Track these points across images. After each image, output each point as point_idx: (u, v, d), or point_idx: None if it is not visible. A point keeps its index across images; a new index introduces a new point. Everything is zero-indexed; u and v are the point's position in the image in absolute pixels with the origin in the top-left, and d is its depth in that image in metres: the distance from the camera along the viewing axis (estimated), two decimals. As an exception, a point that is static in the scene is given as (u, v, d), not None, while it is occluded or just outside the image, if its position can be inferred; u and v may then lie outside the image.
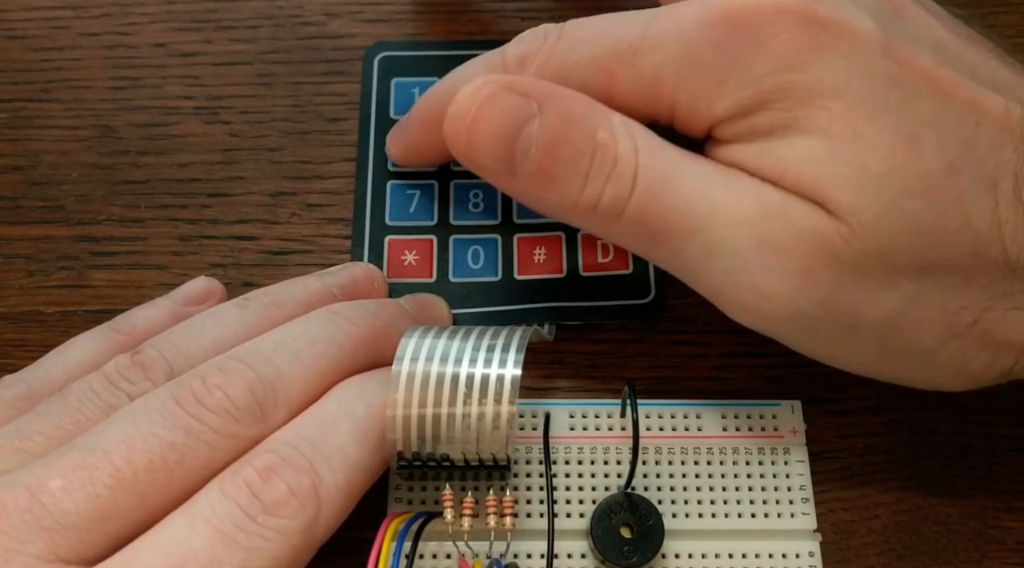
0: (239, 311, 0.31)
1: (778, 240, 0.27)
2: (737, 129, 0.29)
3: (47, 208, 0.37)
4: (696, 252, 0.29)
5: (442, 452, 0.28)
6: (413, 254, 0.36)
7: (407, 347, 0.29)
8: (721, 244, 0.28)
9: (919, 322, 0.28)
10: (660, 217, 0.28)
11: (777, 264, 0.27)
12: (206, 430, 0.26)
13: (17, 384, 0.30)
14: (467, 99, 0.29)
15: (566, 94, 0.29)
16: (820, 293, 0.28)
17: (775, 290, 0.28)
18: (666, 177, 0.28)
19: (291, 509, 0.25)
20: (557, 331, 0.34)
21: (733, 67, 0.28)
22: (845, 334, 0.29)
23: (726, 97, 0.28)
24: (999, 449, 0.33)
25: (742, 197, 0.28)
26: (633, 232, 0.29)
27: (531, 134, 0.28)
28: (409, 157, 0.37)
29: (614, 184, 0.28)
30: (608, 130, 0.29)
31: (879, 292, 0.27)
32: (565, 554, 0.31)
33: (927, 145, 0.27)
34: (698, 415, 0.33)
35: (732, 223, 0.28)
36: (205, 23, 0.41)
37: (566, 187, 0.29)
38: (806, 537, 0.31)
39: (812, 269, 0.27)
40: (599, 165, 0.28)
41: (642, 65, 0.29)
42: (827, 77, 0.27)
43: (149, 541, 0.25)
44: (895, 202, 0.27)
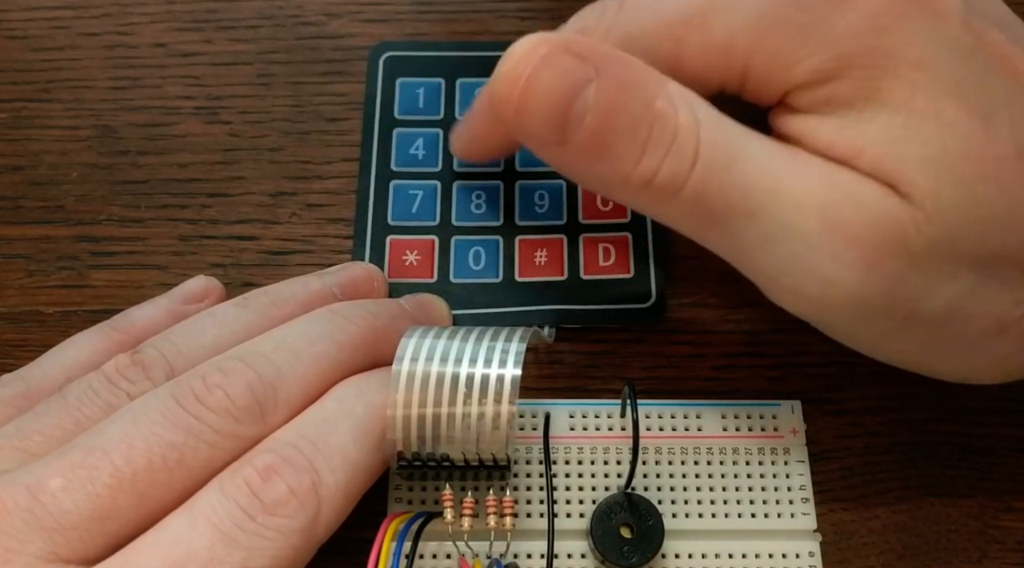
0: (239, 310, 0.31)
1: (848, 225, 0.26)
2: (815, 97, 0.27)
3: (47, 208, 0.37)
4: (755, 235, 0.27)
5: (442, 452, 0.28)
6: (414, 254, 0.36)
7: (407, 347, 0.29)
8: (785, 227, 0.26)
9: (972, 315, 0.27)
10: (720, 196, 0.27)
11: (844, 251, 0.26)
12: (206, 429, 0.26)
13: (16, 383, 0.30)
14: (521, 58, 0.27)
15: (623, 58, 0.27)
16: (884, 283, 0.26)
17: (839, 278, 0.26)
18: (728, 153, 0.27)
19: (291, 508, 0.25)
20: (557, 332, 0.34)
21: (816, 25, 0.27)
22: (898, 326, 0.28)
23: (807, 59, 0.27)
24: (999, 449, 0.33)
25: (810, 178, 0.27)
26: (688, 212, 0.28)
27: (587, 100, 0.26)
28: (474, 150, 0.36)
29: (673, 158, 0.26)
30: (667, 99, 0.27)
31: (940, 283, 0.27)
32: (565, 554, 0.31)
33: (1001, 127, 0.26)
34: (698, 415, 0.32)
35: (798, 205, 0.26)
36: (205, 23, 0.41)
37: (621, 159, 0.27)
38: (806, 537, 0.31)
39: (880, 258, 0.26)
40: (658, 136, 0.26)
41: (714, 26, 0.28)
42: (912, 44, 0.26)
43: (149, 540, 0.25)
44: (971, 188, 0.26)
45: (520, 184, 0.37)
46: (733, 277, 0.34)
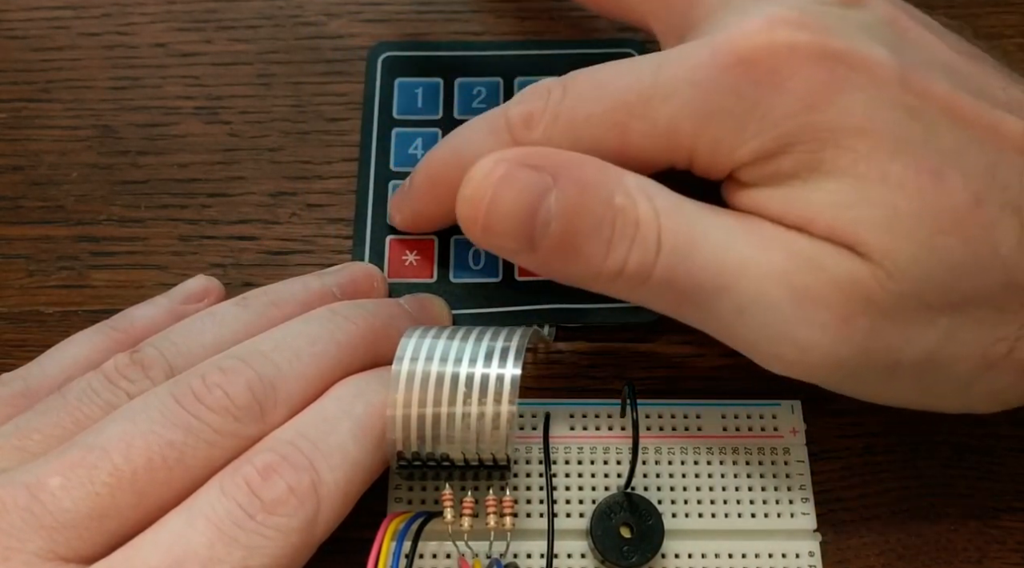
0: (239, 310, 0.31)
1: (813, 290, 0.27)
2: (760, 173, 0.28)
3: (47, 208, 0.37)
4: (728, 309, 0.28)
5: (442, 452, 0.28)
6: (414, 254, 0.36)
7: (407, 347, 0.29)
8: (753, 300, 0.27)
9: (955, 357, 0.28)
10: (688, 278, 0.28)
11: (814, 315, 0.27)
12: (206, 429, 0.26)
13: (15, 382, 0.30)
14: (480, 182, 0.28)
15: (576, 160, 0.28)
16: (858, 340, 0.27)
17: (814, 341, 0.27)
18: (690, 237, 0.28)
19: (290, 507, 0.25)
20: (557, 331, 0.34)
21: (753, 111, 0.27)
22: (883, 376, 0.28)
23: (748, 142, 0.28)
24: (999, 449, 0.33)
25: (770, 249, 0.27)
26: (661, 295, 0.29)
27: (549, 208, 0.27)
28: (417, 224, 0.36)
29: (638, 249, 0.27)
30: (624, 193, 0.28)
31: (916, 332, 0.27)
32: (565, 554, 0.31)
33: (952, 178, 0.26)
34: (698, 415, 0.33)
35: (763, 277, 0.27)
36: (205, 23, 0.41)
37: (589, 257, 0.28)
38: (806, 537, 0.31)
39: (850, 317, 0.27)
40: (620, 231, 0.27)
41: (656, 115, 0.28)
42: (849, 114, 0.27)
43: (148, 539, 0.25)
44: (928, 241, 0.26)
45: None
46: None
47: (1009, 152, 0.27)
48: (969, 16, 0.30)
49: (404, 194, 0.36)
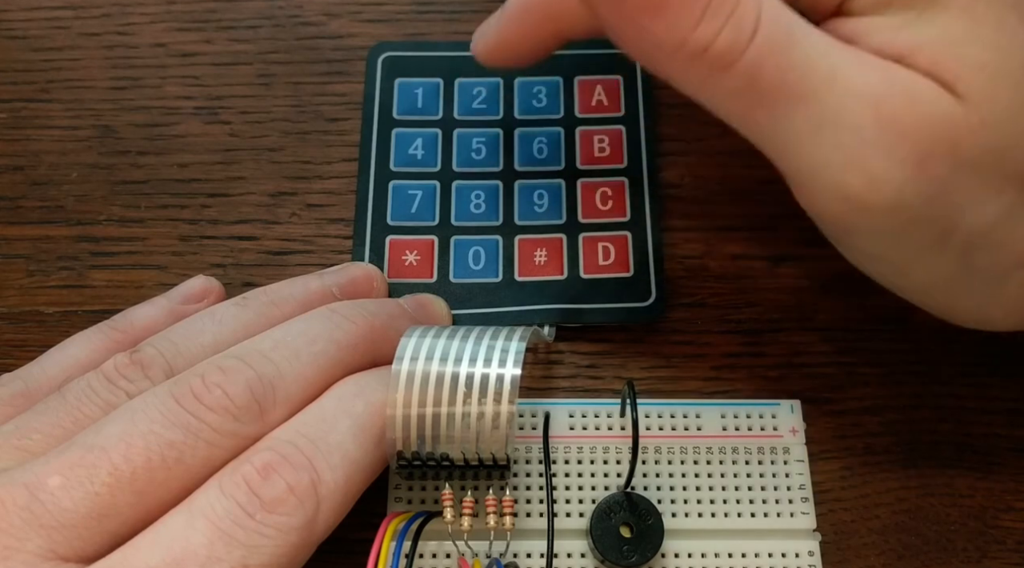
0: (238, 310, 0.31)
1: (901, 119, 0.25)
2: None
3: (47, 208, 0.37)
4: (806, 121, 0.26)
5: (442, 451, 0.28)
6: (414, 254, 0.36)
7: (407, 346, 0.29)
8: (837, 115, 0.25)
9: (1008, 239, 0.27)
10: (775, 75, 0.25)
11: (895, 145, 0.25)
12: (205, 428, 0.26)
13: (15, 382, 0.30)
14: None
15: None
16: (930, 186, 0.25)
17: (886, 174, 0.25)
18: (788, 32, 0.25)
19: (290, 506, 0.25)
20: (557, 331, 0.34)
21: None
22: (932, 242, 0.27)
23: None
24: (999, 449, 0.33)
25: (867, 69, 0.26)
26: (738, 89, 0.26)
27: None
28: (501, 54, 0.34)
29: (732, 28, 0.25)
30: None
31: (984, 198, 0.26)
32: (565, 553, 0.31)
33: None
34: (698, 415, 0.33)
35: (853, 94, 0.25)
36: (205, 23, 0.41)
37: (678, 20, 0.25)
38: (806, 536, 0.31)
39: (930, 158, 0.25)
40: (719, 3, 0.25)
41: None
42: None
43: (148, 538, 0.25)
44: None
45: (519, 184, 0.37)
46: (733, 277, 0.34)
47: None
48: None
49: (491, 21, 0.34)
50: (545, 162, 0.37)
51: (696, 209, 0.35)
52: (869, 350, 0.33)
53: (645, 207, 0.36)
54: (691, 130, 0.38)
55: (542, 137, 0.38)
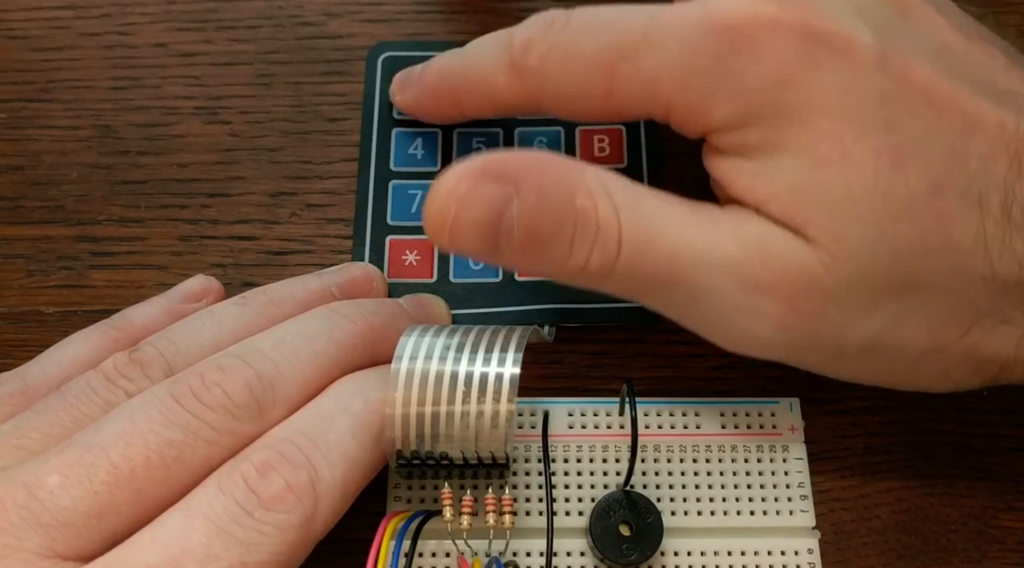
0: (238, 309, 0.31)
1: (760, 279, 0.27)
2: (730, 140, 0.29)
3: (47, 208, 0.37)
4: (684, 298, 0.29)
5: (441, 450, 0.28)
6: (414, 254, 0.36)
7: (406, 345, 0.29)
8: (705, 290, 0.28)
9: (903, 340, 0.28)
10: (646, 272, 0.28)
11: (761, 303, 0.28)
12: (204, 427, 0.26)
13: (13, 381, 0.30)
14: (445, 199, 0.28)
15: (537, 163, 0.28)
16: (804, 325, 0.28)
17: (761, 328, 0.28)
18: (648, 234, 0.28)
19: (288, 504, 0.25)
20: (557, 331, 0.34)
21: (728, 77, 0.28)
22: (831, 356, 0.29)
23: (720, 106, 0.28)
24: (999, 449, 0.33)
25: (722, 241, 0.28)
26: (623, 287, 0.29)
27: (512, 217, 0.28)
28: (415, 113, 0.37)
29: (599, 249, 0.28)
30: (586, 193, 0.28)
31: (861, 316, 0.28)
32: (564, 552, 0.31)
33: (913, 165, 0.27)
34: (697, 413, 0.33)
35: (714, 269, 0.28)
36: (205, 23, 0.41)
37: (552, 257, 0.28)
38: (805, 534, 0.31)
39: (796, 303, 0.27)
40: (582, 232, 0.28)
41: (642, 63, 0.29)
42: (818, 95, 0.27)
43: (146, 536, 0.25)
44: (876, 225, 0.27)
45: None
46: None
47: (981, 141, 0.27)
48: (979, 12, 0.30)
49: (410, 78, 0.37)
50: None
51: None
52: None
53: None
54: None
55: (542, 137, 0.38)
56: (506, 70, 0.31)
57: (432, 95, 0.36)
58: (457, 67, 0.34)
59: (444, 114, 0.36)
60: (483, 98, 0.33)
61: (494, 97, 0.32)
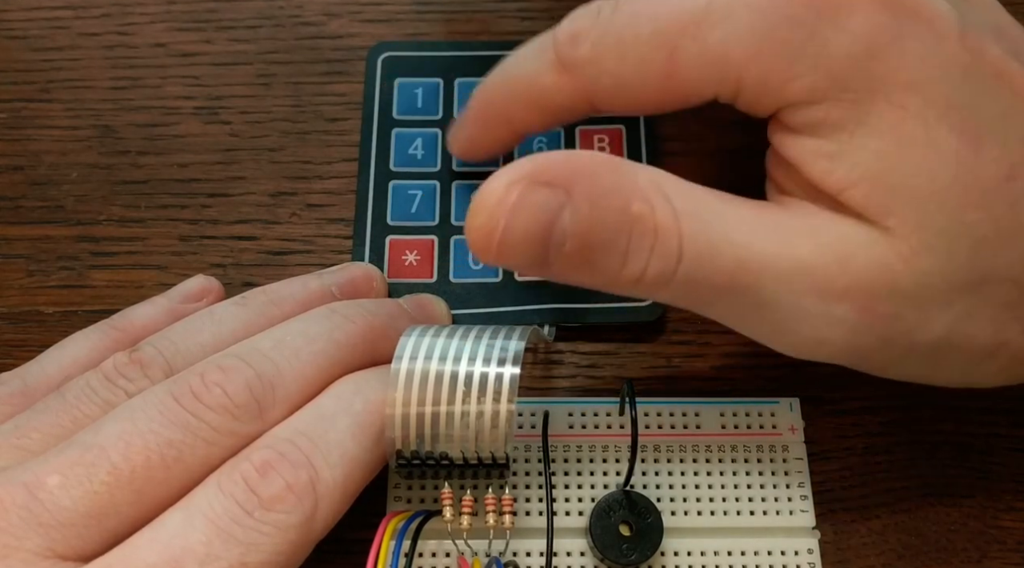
0: (238, 309, 0.31)
1: (836, 284, 0.26)
2: (807, 117, 0.27)
3: (47, 208, 0.37)
4: (748, 305, 0.27)
5: (441, 450, 0.28)
6: (414, 254, 0.36)
7: (406, 345, 0.29)
8: (775, 297, 0.27)
9: (971, 336, 0.27)
10: (708, 281, 0.27)
11: (836, 309, 0.27)
12: (204, 427, 0.26)
13: (13, 381, 0.30)
14: (492, 211, 0.26)
15: (589, 165, 0.26)
16: (878, 328, 0.27)
17: (834, 334, 0.27)
18: (711, 241, 0.26)
19: (288, 504, 0.25)
20: (557, 331, 0.34)
21: (809, 43, 0.26)
22: (897, 358, 0.28)
23: (800, 77, 0.27)
24: (999, 449, 0.33)
25: (794, 242, 0.27)
26: (680, 296, 0.28)
27: (563, 228, 0.26)
28: (471, 152, 0.36)
29: (658, 258, 0.26)
30: (642, 198, 0.26)
31: (934, 313, 0.27)
32: (564, 552, 0.31)
33: (992, 147, 0.26)
34: (697, 413, 0.33)
35: (786, 275, 0.26)
36: (205, 23, 0.41)
37: (605, 268, 0.27)
38: (805, 534, 0.31)
39: (872, 306, 0.26)
40: (638, 241, 0.26)
41: (708, 37, 0.27)
42: (905, 66, 0.26)
43: (146, 536, 0.25)
44: (959, 215, 0.26)
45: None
46: (733, 276, 0.34)
47: None
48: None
49: (459, 123, 0.35)
50: None
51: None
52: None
53: None
54: (691, 130, 0.38)
55: (542, 137, 0.38)
56: (553, 69, 0.30)
57: (480, 122, 0.34)
58: (498, 83, 0.32)
59: (497, 139, 0.34)
60: (533, 107, 0.31)
61: (544, 103, 0.31)
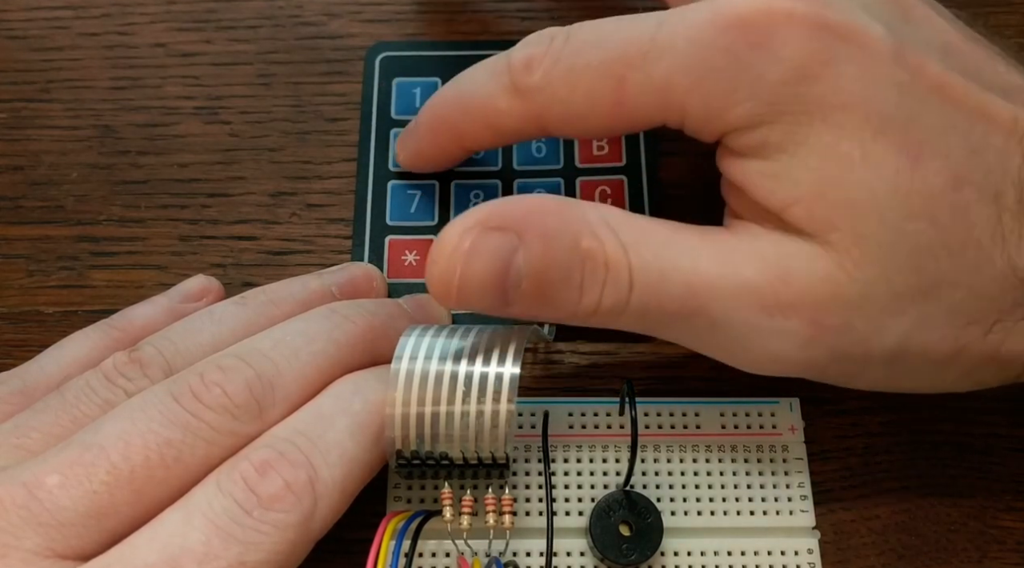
0: (237, 309, 0.31)
1: (781, 299, 0.27)
2: (749, 140, 0.28)
3: (47, 208, 0.37)
4: (701, 327, 0.28)
5: (441, 450, 0.28)
6: (414, 254, 0.36)
7: (406, 345, 0.29)
8: (724, 317, 0.28)
9: (927, 344, 0.28)
10: (660, 309, 0.28)
11: (785, 324, 0.27)
12: (204, 427, 0.26)
13: (13, 380, 0.30)
14: (449, 259, 0.27)
15: (538, 207, 0.28)
16: (829, 340, 0.27)
17: (786, 348, 0.28)
18: (660, 269, 0.28)
19: (287, 503, 0.25)
20: (557, 331, 0.34)
21: (745, 74, 0.27)
22: (856, 368, 0.29)
23: (738, 105, 0.28)
24: (999, 449, 0.33)
25: (738, 266, 0.28)
26: (637, 324, 0.29)
27: (519, 269, 0.27)
28: (418, 163, 0.36)
29: (611, 290, 0.28)
30: (591, 234, 0.28)
31: (885, 322, 0.27)
32: (564, 552, 0.31)
33: (933, 160, 0.27)
34: (696, 413, 0.32)
35: (733, 296, 0.27)
36: (205, 23, 0.41)
37: (563, 303, 0.28)
38: (805, 534, 0.31)
39: (820, 318, 0.27)
40: (591, 275, 0.27)
41: (652, 69, 0.28)
42: (839, 89, 0.27)
43: (145, 536, 0.25)
44: (898, 225, 0.26)
45: (518, 182, 0.37)
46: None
47: (996, 136, 0.27)
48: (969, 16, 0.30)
49: (409, 133, 0.36)
50: (544, 161, 0.37)
51: (695, 208, 0.35)
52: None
53: (644, 206, 0.36)
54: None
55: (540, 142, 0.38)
56: (507, 92, 0.31)
57: (431, 135, 0.35)
58: (451, 99, 0.33)
59: (445, 153, 0.35)
60: (484, 127, 0.32)
61: (496, 124, 0.32)
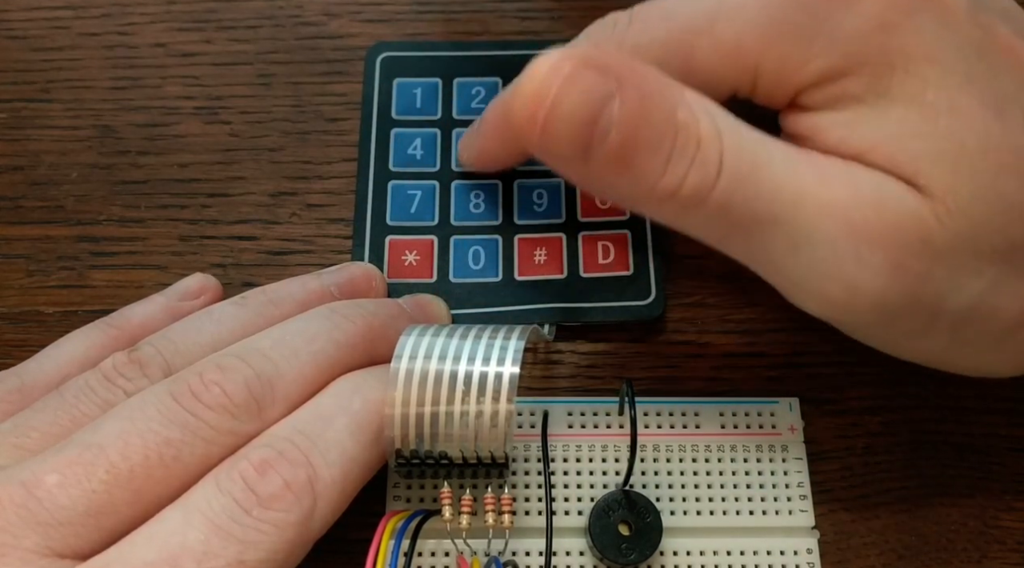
0: (237, 309, 0.31)
1: (871, 227, 0.26)
2: (826, 94, 0.27)
3: (47, 208, 0.37)
4: (780, 243, 0.27)
5: (440, 450, 0.28)
6: (414, 254, 0.36)
7: (406, 345, 0.29)
8: (808, 234, 0.26)
9: (995, 310, 0.27)
10: (744, 205, 0.26)
11: (870, 254, 0.26)
12: (203, 426, 0.26)
13: (10, 379, 0.30)
14: (545, 77, 0.25)
15: (642, 69, 0.26)
16: (909, 284, 0.26)
17: (865, 282, 0.26)
18: (752, 161, 0.26)
19: (286, 502, 0.25)
20: (557, 331, 0.34)
21: (822, 26, 0.27)
22: (922, 326, 0.28)
23: (815, 59, 0.27)
24: (999, 449, 0.33)
25: (832, 183, 0.26)
26: (713, 221, 0.27)
27: (611, 116, 0.25)
28: (482, 162, 0.36)
29: (697, 170, 0.26)
30: (687, 109, 0.26)
31: (964, 279, 0.26)
32: (563, 552, 0.31)
33: (1014, 118, 0.26)
34: (696, 413, 0.32)
35: (822, 211, 0.26)
36: (205, 23, 0.41)
37: (645, 172, 0.26)
38: (804, 534, 0.31)
39: (905, 258, 0.26)
40: (681, 148, 0.25)
41: (723, 32, 0.28)
42: (921, 40, 0.26)
43: (144, 534, 0.25)
44: (991, 179, 0.26)
45: (519, 182, 0.37)
46: (733, 277, 0.34)
47: None
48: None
49: (473, 132, 0.36)
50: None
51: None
52: (869, 350, 0.33)
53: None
54: None
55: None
56: None
57: (495, 136, 0.34)
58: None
59: (512, 153, 0.35)
60: None
61: None
